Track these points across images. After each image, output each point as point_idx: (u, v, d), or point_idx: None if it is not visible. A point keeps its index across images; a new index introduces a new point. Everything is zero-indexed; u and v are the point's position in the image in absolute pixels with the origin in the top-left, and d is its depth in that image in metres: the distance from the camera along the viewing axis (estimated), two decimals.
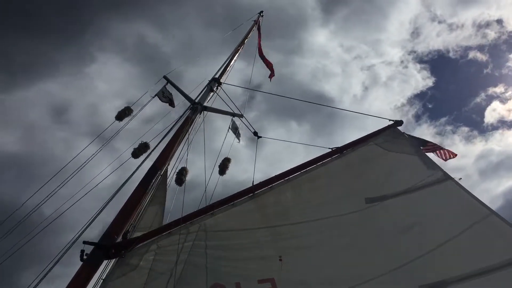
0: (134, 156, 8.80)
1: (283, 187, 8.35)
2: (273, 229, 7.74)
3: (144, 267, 7.05)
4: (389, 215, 7.94)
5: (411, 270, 6.99)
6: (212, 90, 11.23)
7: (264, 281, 6.89)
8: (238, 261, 7.26)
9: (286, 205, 8.15)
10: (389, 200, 8.10)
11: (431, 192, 8.22)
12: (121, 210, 7.57)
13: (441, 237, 7.39)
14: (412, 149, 9.16)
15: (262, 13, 16.01)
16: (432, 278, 6.83)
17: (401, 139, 9.45)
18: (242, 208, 7.95)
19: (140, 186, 8.02)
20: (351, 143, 9.28)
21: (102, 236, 7.13)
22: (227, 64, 12.51)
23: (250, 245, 7.50)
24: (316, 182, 8.54)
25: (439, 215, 7.86)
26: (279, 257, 7.18)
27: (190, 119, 10.03)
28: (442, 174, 8.47)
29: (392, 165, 8.95)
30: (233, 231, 7.67)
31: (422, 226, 7.70)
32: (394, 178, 8.64)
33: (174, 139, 9.26)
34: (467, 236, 7.36)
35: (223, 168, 9.55)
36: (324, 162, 8.86)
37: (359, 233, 7.71)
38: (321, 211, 8.01)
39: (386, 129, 9.69)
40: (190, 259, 7.19)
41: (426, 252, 7.20)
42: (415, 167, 8.78)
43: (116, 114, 9.53)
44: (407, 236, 7.58)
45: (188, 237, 7.45)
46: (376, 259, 7.24)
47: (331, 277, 7.03)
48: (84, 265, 6.68)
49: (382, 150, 9.17)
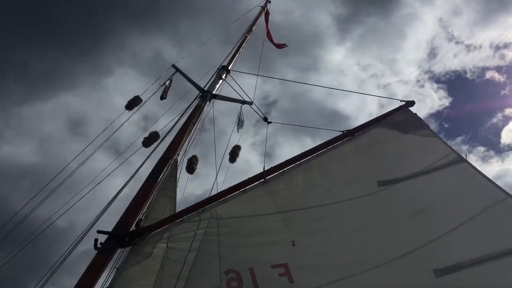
0: (145, 145, 8.86)
1: (294, 171, 8.29)
2: (285, 214, 7.70)
3: (158, 255, 7.10)
4: (402, 198, 7.81)
5: (425, 253, 6.87)
6: (220, 78, 11.20)
7: (277, 266, 6.87)
8: (250, 247, 7.26)
9: (297, 190, 8.09)
10: (402, 182, 7.96)
11: (444, 174, 8.05)
12: (133, 200, 7.66)
13: (455, 219, 7.25)
14: (425, 131, 8.98)
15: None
16: (446, 261, 6.70)
17: (413, 120, 9.28)
18: (253, 194, 7.92)
19: (151, 175, 8.09)
20: (362, 125, 9.15)
21: (115, 226, 7.22)
22: (235, 51, 12.45)
23: (262, 230, 7.48)
24: (327, 166, 8.45)
25: (453, 197, 7.72)
26: (292, 242, 7.17)
27: (200, 107, 10.04)
28: (456, 156, 8.29)
29: (404, 147, 8.78)
30: (244, 217, 7.65)
31: (436, 208, 7.56)
32: (406, 160, 8.48)
33: (184, 128, 9.28)
34: (482, 219, 7.20)
35: (234, 156, 9.55)
36: (335, 145, 8.76)
37: (371, 216, 7.61)
38: (333, 195, 7.94)
39: (397, 110, 9.53)
40: (203, 246, 7.21)
41: (439, 235, 7.07)
42: (428, 149, 8.61)
43: (126, 103, 9.59)
44: (420, 218, 7.45)
45: (200, 224, 7.47)
46: (389, 242, 7.15)
47: (344, 262, 6.97)
48: (98, 254, 6.78)
49: (394, 132, 9.02)
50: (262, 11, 15.01)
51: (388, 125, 9.15)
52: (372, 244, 7.20)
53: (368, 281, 6.68)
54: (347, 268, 6.85)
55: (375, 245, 7.17)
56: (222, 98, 10.80)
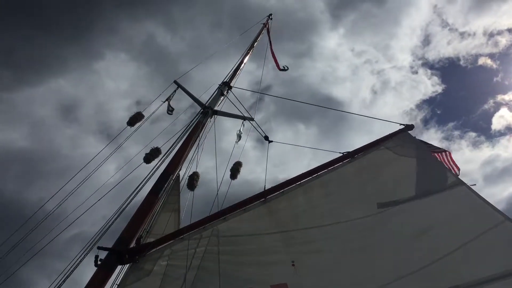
0: (146, 162, 8.85)
1: (295, 192, 8.37)
2: (285, 234, 7.76)
3: (158, 272, 7.11)
4: (402, 220, 7.92)
5: (425, 275, 6.96)
6: (222, 94, 11.28)
7: (277, 286, 6.92)
8: (250, 266, 7.30)
9: (298, 210, 8.17)
10: (401, 205, 8.08)
11: (443, 197, 8.19)
12: (134, 216, 7.63)
13: (454, 242, 7.35)
14: (424, 154, 9.13)
15: (271, 16, 16.03)
16: (446, 284, 6.80)
17: (412, 143, 9.43)
18: (254, 213, 7.99)
19: (152, 191, 8.07)
20: (362, 147, 9.28)
21: (116, 242, 7.21)
22: (237, 67, 12.55)
23: (263, 250, 7.53)
24: (327, 187, 8.55)
25: (452, 220, 7.83)
26: (292, 262, 7.21)
27: (201, 124, 10.09)
28: (455, 179, 8.45)
29: (403, 170, 8.92)
30: (245, 236, 7.70)
31: (435, 231, 7.67)
32: (406, 183, 8.60)
33: (185, 144, 9.31)
34: (482, 241, 7.31)
35: (235, 172, 9.58)
36: (335, 166, 8.87)
37: (371, 238, 7.70)
38: (333, 216, 8.02)
39: (397, 133, 9.68)
40: (203, 264, 7.24)
41: (439, 258, 7.16)
42: (427, 172, 8.76)
43: (128, 120, 9.62)
44: (420, 241, 7.55)
45: (200, 242, 7.50)
46: (389, 264, 7.24)
47: (344, 283, 7.03)
48: (98, 270, 6.75)
49: (394, 155, 9.16)
50: (264, 27, 15.16)
51: (387, 147, 9.28)
52: (372, 266, 7.28)
53: None
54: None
55: (375, 267, 7.26)
56: (223, 114, 10.88)
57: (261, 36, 14.65)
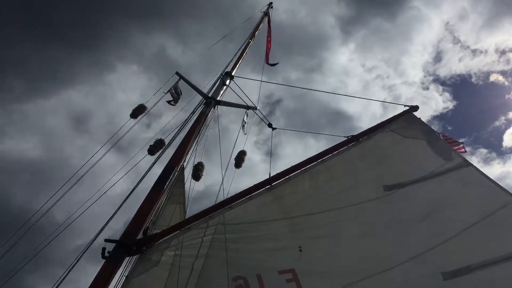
0: (150, 153, 8.88)
1: (300, 177, 8.30)
2: (292, 220, 7.71)
3: (165, 262, 7.12)
4: (409, 202, 7.82)
5: (433, 257, 6.89)
6: (224, 84, 11.23)
7: (284, 272, 6.89)
8: (257, 253, 7.28)
9: (303, 196, 8.10)
10: (408, 187, 7.97)
11: (450, 178, 8.04)
12: (140, 208, 7.65)
13: (462, 223, 7.25)
14: (429, 135, 8.98)
15: (272, 5, 15.91)
16: (455, 264, 6.71)
17: (417, 124, 9.29)
18: (259, 200, 7.94)
19: (157, 183, 8.09)
20: (366, 130, 9.15)
21: (123, 234, 7.22)
22: (239, 57, 12.48)
23: (269, 236, 7.50)
24: (333, 171, 8.46)
25: (460, 201, 7.71)
26: (299, 247, 7.17)
27: (204, 114, 10.06)
28: (461, 160, 8.30)
29: (409, 152, 8.79)
30: (251, 224, 7.67)
31: (442, 212, 7.57)
32: (412, 164, 8.48)
33: (189, 135, 9.31)
34: (490, 222, 7.19)
35: (239, 161, 9.58)
36: (340, 151, 8.78)
37: (378, 221, 7.62)
38: (339, 200, 7.95)
39: (401, 115, 9.54)
40: (211, 253, 7.23)
41: (447, 239, 7.07)
42: (433, 153, 8.61)
43: (131, 112, 9.63)
44: (427, 222, 7.46)
45: (207, 231, 7.49)
46: (396, 246, 7.17)
47: (351, 266, 6.98)
48: (106, 262, 6.78)
49: (399, 137, 9.02)
50: (265, 16, 15.05)
51: (392, 129, 9.15)
52: (379, 249, 7.21)
53: (375, 286, 6.69)
54: (355, 273, 6.86)
55: (382, 250, 7.19)
56: (226, 104, 10.84)
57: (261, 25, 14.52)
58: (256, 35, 13.93)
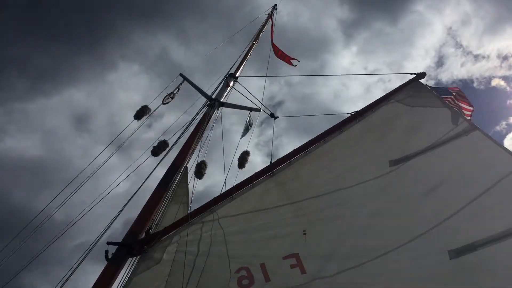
0: (154, 155, 8.87)
1: (302, 160, 7.92)
2: (295, 205, 7.31)
3: (167, 259, 6.97)
4: (414, 176, 7.21)
5: (439, 234, 6.24)
6: (228, 86, 11.18)
7: (288, 257, 6.52)
8: (260, 242, 6.94)
9: (306, 179, 7.70)
10: (413, 159, 7.33)
11: (456, 146, 7.36)
12: (144, 208, 7.62)
13: (469, 194, 6.56)
14: (436, 101, 8.31)
15: (276, 7, 15.89)
16: (461, 241, 6.04)
17: (424, 92, 8.65)
18: (261, 188, 7.64)
19: (161, 184, 8.05)
20: (370, 104, 8.60)
21: (126, 235, 7.20)
22: (243, 58, 12.45)
23: (272, 224, 7.15)
24: (336, 151, 8.00)
25: (466, 170, 7.01)
26: (303, 231, 6.79)
27: (208, 116, 10.02)
28: (467, 124, 7.57)
29: (415, 122, 8.09)
30: (253, 212, 7.37)
31: (449, 184, 6.89)
32: (417, 135, 7.80)
33: (192, 136, 9.26)
34: (497, 191, 6.45)
35: (243, 162, 9.41)
36: (343, 129, 8.33)
37: (383, 199, 7.05)
38: (343, 180, 7.45)
39: (408, 83, 8.95)
40: (212, 246, 7.01)
41: (453, 213, 6.40)
42: (439, 121, 7.90)
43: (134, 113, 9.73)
44: (433, 197, 6.79)
45: (208, 225, 7.29)
46: (402, 225, 6.57)
47: (357, 248, 6.45)
48: (109, 264, 6.75)
49: (405, 107, 8.40)
50: (269, 18, 15.02)
51: (398, 100, 8.57)
52: (385, 228, 6.65)
53: (382, 267, 6.13)
54: (359, 254, 6.34)
55: (388, 229, 6.62)
56: (230, 106, 10.74)
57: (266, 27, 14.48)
58: (260, 37, 13.88)
